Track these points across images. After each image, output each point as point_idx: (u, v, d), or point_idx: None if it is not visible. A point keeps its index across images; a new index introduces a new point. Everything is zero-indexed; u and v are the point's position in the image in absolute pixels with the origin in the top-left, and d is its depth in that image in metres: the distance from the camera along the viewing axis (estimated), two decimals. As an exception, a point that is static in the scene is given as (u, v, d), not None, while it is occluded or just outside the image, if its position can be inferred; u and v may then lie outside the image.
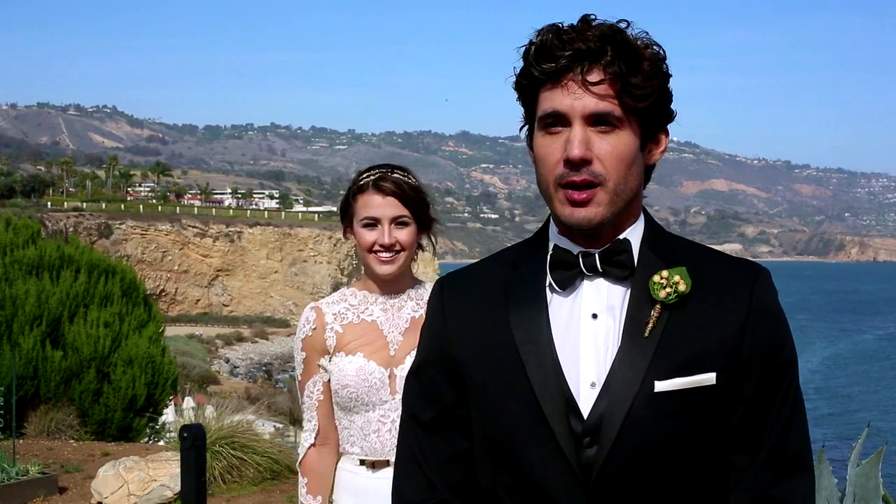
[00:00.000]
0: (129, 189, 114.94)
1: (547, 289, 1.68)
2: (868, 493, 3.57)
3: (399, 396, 2.64)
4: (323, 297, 3.10)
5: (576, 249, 1.67)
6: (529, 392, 1.62)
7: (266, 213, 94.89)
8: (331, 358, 2.81)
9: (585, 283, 1.66)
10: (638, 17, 1.62)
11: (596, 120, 1.59)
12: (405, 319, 2.83)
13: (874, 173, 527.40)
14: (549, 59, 1.59)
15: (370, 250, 2.77)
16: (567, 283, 1.65)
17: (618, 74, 1.57)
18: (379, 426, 2.77)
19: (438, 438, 1.75)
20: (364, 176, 2.82)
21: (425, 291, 2.85)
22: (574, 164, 1.58)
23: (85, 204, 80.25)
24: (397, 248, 2.76)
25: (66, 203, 79.94)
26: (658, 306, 1.61)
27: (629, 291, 1.64)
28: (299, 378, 2.91)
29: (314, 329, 2.84)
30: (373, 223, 2.76)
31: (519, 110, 1.72)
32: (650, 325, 1.60)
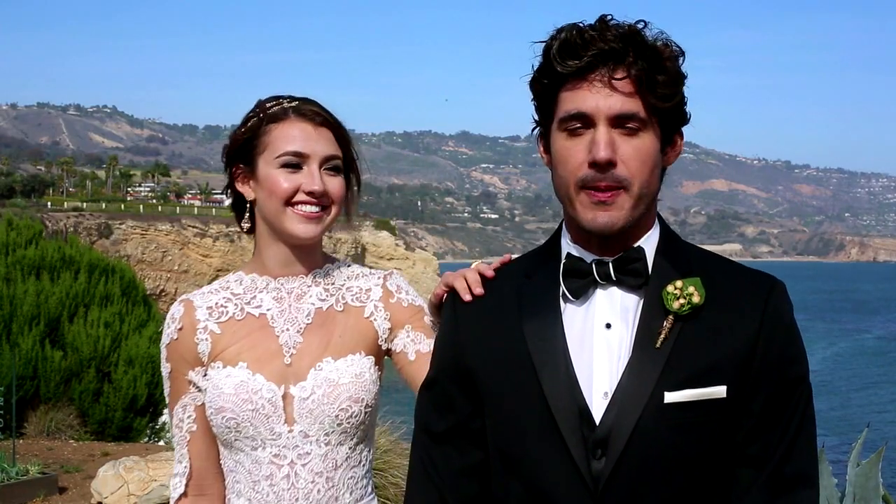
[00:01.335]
0: (129, 189, 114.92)
1: (561, 298, 1.65)
2: (868, 493, 3.57)
3: (299, 428, 1.96)
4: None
5: (589, 257, 1.65)
6: (543, 402, 1.61)
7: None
8: (205, 371, 2.01)
9: (599, 291, 1.64)
10: (638, 17, 1.61)
11: (621, 121, 1.56)
12: (307, 312, 2.02)
13: (874, 173, 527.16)
14: (574, 56, 1.56)
15: (289, 201, 1.96)
16: (580, 292, 1.63)
17: (642, 75, 1.55)
18: (272, 471, 1.96)
19: (451, 450, 1.73)
20: (274, 102, 2.01)
21: (340, 275, 2.08)
22: (600, 167, 1.55)
23: (85, 204, 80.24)
24: (325, 201, 1.99)
25: (66, 203, 79.94)
26: (671, 317, 1.59)
27: (642, 300, 1.62)
28: (168, 402, 2.10)
29: (180, 329, 2.02)
30: (297, 163, 1.95)
31: (527, 110, 1.68)
32: (662, 335, 1.58)
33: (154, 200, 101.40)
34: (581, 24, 1.59)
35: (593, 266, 1.63)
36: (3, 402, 8.61)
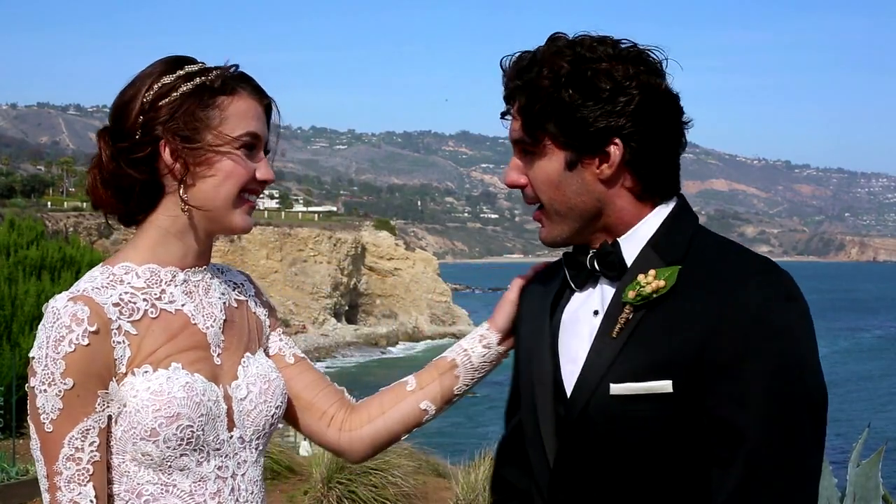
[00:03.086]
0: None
1: (571, 284, 1.77)
2: (868, 493, 3.57)
3: (238, 433, 1.75)
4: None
5: (591, 250, 1.73)
6: (529, 380, 1.75)
7: (266, 213, 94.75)
8: (119, 379, 1.65)
9: (600, 281, 1.72)
10: (639, 17, 1.66)
11: (522, 146, 1.70)
12: (220, 308, 1.78)
13: (874, 173, 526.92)
14: (503, 87, 1.73)
15: (244, 189, 1.73)
16: (577, 282, 1.74)
17: (522, 107, 1.67)
18: (220, 487, 1.71)
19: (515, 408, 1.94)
20: (201, 67, 1.73)
21: (214, 268, 1.84)
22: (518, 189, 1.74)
23: (85, 204, 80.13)
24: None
25: (66, 203, 79.92)
26: (627, 307, 1.61)
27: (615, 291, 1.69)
28: (48, 428, 1.62)
29: (94, 333, 1.61)
30: (254, 145, 1.72)
31: None
32: (618, 325, 1.61)
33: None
34: (512, 56, 1.72)
35: (587, 258, 1.73)
36: (3, 402, 8.63)
